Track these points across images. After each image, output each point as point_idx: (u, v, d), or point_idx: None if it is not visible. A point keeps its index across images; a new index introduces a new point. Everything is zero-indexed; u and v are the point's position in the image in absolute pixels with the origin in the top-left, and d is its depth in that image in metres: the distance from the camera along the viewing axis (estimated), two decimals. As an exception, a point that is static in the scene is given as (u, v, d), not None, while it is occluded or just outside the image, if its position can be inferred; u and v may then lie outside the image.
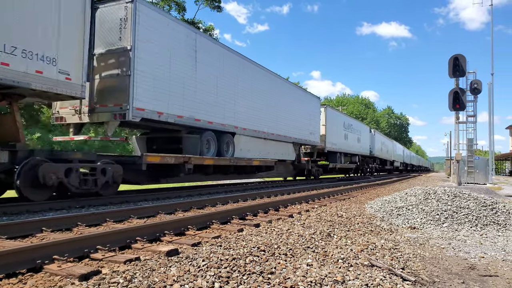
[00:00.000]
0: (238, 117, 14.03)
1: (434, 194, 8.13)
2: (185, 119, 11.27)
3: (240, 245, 4.33)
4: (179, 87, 11.06)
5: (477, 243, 5.44)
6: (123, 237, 4.43)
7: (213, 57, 12.74)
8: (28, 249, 3.49)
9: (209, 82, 12.44)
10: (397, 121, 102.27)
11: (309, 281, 3.21)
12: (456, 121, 19.74)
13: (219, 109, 12.89)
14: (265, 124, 16.09)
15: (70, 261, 3.59)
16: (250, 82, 15.04)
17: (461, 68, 18.36)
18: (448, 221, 6.72)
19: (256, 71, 15.66)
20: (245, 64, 14.85)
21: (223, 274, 3.25)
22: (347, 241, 5.03)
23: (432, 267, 4.08)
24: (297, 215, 7.24)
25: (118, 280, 3.01)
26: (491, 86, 23.65)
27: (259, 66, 16.01)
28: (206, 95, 12.29)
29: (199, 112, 11.88)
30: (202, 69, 12.03)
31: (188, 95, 11.38)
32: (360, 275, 3.47)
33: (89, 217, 5.91)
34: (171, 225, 5.21)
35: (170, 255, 3.89)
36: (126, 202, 8.77)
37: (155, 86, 10.09)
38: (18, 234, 4.84)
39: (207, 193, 11.60)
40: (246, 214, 6.97)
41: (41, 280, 3.15)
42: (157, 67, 10.22)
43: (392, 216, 7.45)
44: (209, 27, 39.37)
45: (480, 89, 20.11)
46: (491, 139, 24.58)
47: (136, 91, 9.42)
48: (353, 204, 9.60)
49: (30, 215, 6.66)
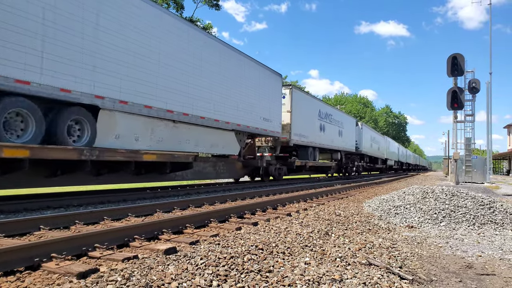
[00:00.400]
0: (105, 80, 8.53)
1: (432, 193, 8.15)
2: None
3: (238, 244, 4.34)
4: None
5: (475, 242, 5.46)
6: (121, 235, 4.42)
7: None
8: (26, 247, 3.48)
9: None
10: (395, 120, 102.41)
11: (307, 280, 3.22)
12: (454, 120, 19.78)
13: (44, 60, 7.25)
14: (175, 99, 10.62)
15: (68, 259, 3.59)
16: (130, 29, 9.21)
17: (460, 67, 18.40)
18: (446, 220, 6.74)
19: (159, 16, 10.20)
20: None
21: (221, 273, 3.25)
22: (345, 239, 5.04)
23: (429, 266, 4.10)
24: (295, 214, 7.25)
25: (116, 278, 3.01)
26: (489, 85, 23.72)
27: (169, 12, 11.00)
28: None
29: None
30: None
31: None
32: (358, 274, 3.48)
33: (87, 215, 5.90)
34: (169, 224, 5.21)
35: (168, 254, 3.89)
36: (124, 201, 8.76)
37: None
38: (16, 232, 4.83)
39: (205, 192, 11.60)
40: (244, 213, 6.97)
41: (39, 278, 3.15)
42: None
43: (390, 215, 7.47)
44: (207, 25, 39.33)
45: (479, 88, 20.17)
46: (489, 138, 24.67)
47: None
48: (351, 203, 9.62)
49: (28, 213, 6.65)
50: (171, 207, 7.43)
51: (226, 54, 13.16)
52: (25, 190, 9.37)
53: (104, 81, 8.49)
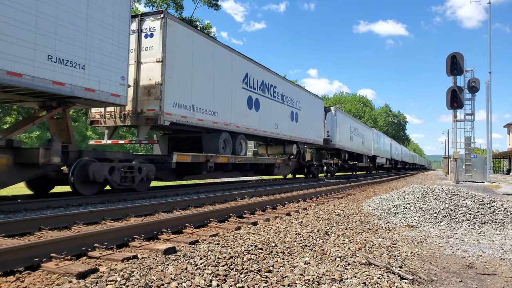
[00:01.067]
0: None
1: (432, 193, 8.14)
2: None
3: (237, 243, 4.33)
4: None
5: (475, 241, 5.45)
6: (120, 235, 4.42)
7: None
8: (25, 247, 3.48)
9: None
10: (395, 119, 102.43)
11: (306, 280, 3.22)
12: (454, 119, 19.78)
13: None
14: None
15: (68, 259, 3.59)
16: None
17: (459, 66, 18.39)
18: (446, 219, 6.73)
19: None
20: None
21: (221, 272, 3.25)
22: (344, 239, 5.03)
23: (430, 266, 4.09)
24: (294, 213, 7.25)
25: (116, 278, 3.00)
26: (489, 84, 23.70)
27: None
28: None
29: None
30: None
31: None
32: (357, 274, 3.47)
33: (87, 215, 5.90)
34: (168, 223, 5.21)
35: (168, 253, 3.88)
36: (124, 201, 8.75)
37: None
38: (16, 232, 4.83)
39: (205, 191, 11.59)
40: (244, 212, 6.97)
41: (38, 278, 3.14)
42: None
43: (389, 214, 7.47)
44: (207, 25, 39.31)
45: (478, 87, 20.16)
46: (489, 137, 24.65)
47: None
48: (351, 203, 9.61)
49: (28, 213, 6.64)
50: (171, 207, 7.42)
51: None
52: (25, 191, 9.36)
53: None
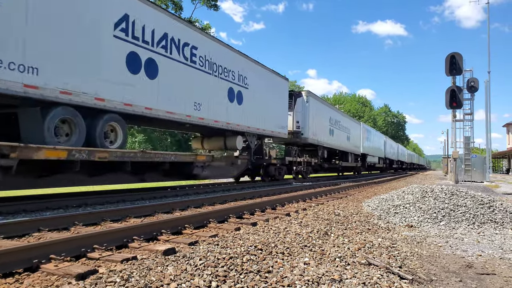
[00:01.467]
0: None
1: (431, 192, 8.14)
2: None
3: (237, 244, 4.33)
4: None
5: (475, 241, 5.45)
6: (120, 236, 4.41)
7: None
8: (24, 249, 3.47)
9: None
10: (394, 119, 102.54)
11: (306, 280, 3.21)
12: (453, 119, 19.77)
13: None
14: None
15: (67, 261, 3.58)
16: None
17: (458, 66, 18.38)
18: (446, 219, 6.74)
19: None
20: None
21: (220, 273, 3.25)
22: (344, 239, 5.03)
23: (429, 266, 4.09)
24: (294, 214, 7.24)
25: (115, 280, 3.00)
26: (488, 84, 23.73)
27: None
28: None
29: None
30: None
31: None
32: (357, 274, 3.47)
33: (86, 216, 5.89)
34: (168, 224, 5.20)
35: (167, 254, 3.88)
36: (123, 201, 8.74)
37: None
38: (15, 234, 4.81)
39: (204, 192, 11.59)
40: (243, 213, 6.96)
41: (37, 280, 3.14)
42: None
43: (389, 214, 7.46)
44: (206, 25, 39.31)
45: (477, 87, 20.16)
46: (488, 137, 24.68)
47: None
48: (350, 203, 9.61)
49: (27, 214, 6.63)
50: (170, 207, 7.42)
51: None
52: (24, 192, 9.35)
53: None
